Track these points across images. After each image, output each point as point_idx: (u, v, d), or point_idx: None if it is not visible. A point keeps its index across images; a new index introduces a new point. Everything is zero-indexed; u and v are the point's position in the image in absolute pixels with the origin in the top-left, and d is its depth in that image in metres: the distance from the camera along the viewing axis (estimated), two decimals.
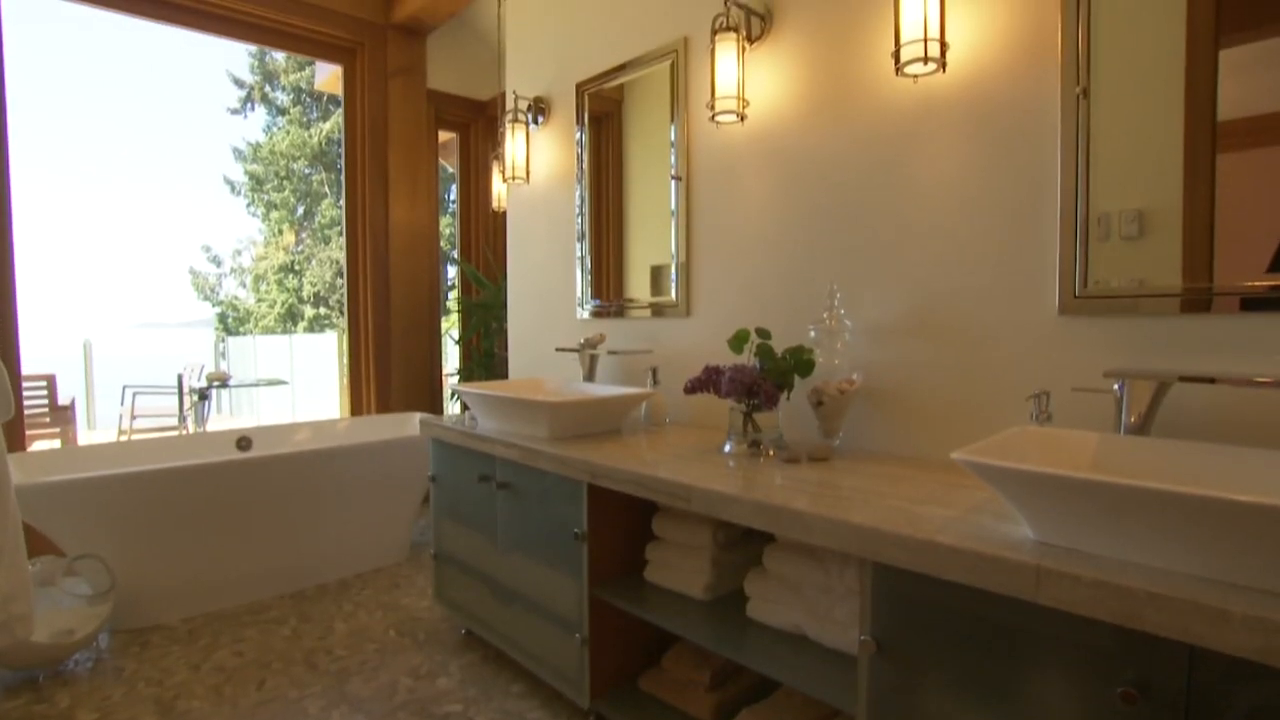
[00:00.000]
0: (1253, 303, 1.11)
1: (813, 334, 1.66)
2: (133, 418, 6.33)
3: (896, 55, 1.42)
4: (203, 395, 6.11)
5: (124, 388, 6.58)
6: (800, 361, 1.60)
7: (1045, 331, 1.35)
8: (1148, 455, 1.06)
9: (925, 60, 1.39)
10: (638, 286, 2.29)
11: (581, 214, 2.45)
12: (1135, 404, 1.11)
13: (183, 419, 6.19)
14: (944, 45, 1.39)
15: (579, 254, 2.47)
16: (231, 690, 1.86)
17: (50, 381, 5.55)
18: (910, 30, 1.39)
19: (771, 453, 1.56)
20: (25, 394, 3.47)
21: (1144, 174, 1.21)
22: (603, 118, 2.40)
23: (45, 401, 5.51)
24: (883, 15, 1.56)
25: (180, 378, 6.71)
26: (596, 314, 2.42)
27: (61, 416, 5.60)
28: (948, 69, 1.45)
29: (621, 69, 2.27)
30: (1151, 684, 0.80)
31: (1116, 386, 1.14)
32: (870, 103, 1.60)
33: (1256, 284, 1.10)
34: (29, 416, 5.19)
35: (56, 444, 5.40)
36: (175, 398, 6.67)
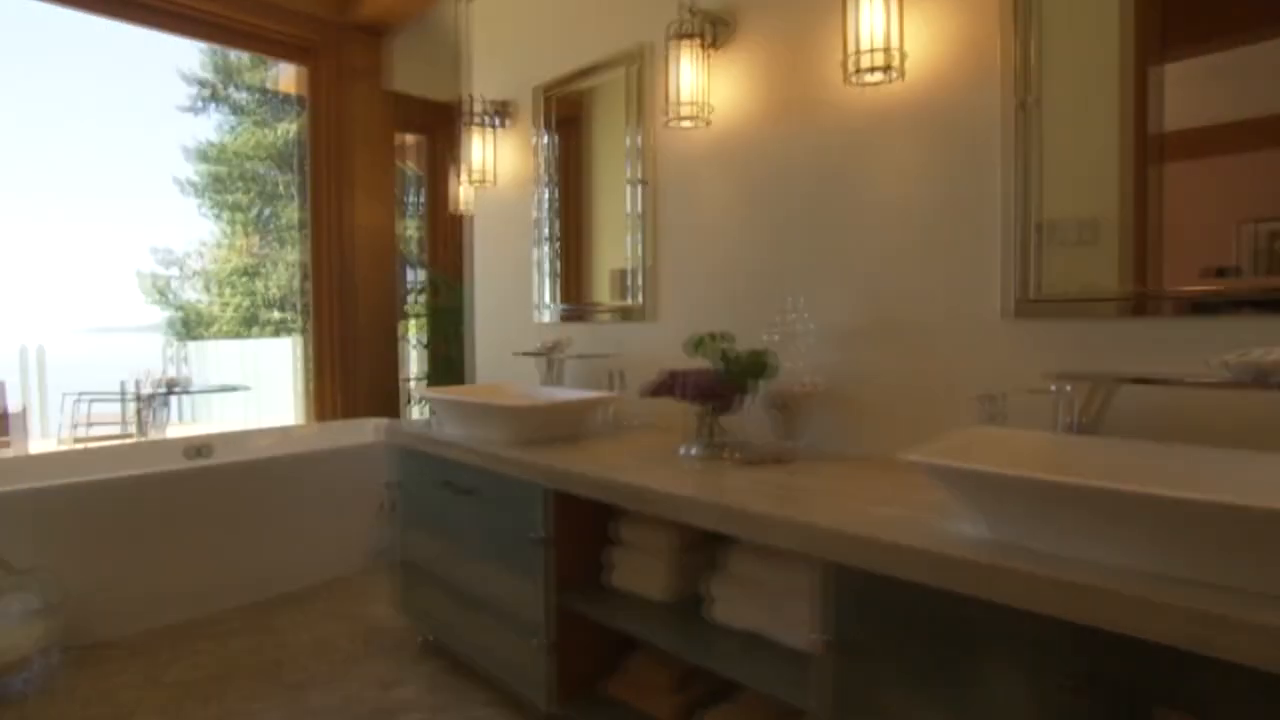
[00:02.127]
0: (1191, 306, 1.17)
1: (775, 337, 1.63)
2: (88, 425, 6.16)
3: (845, 64, 1.45)
4: (154, 401, 6.11)
5: (73, 394, 6.43)
6: (760, 364, 1.57)
7: (992, 334, 1.40)
8: (1095, 454, 1.10)
9: (872, 70, 1.43)
10: (600, 290, 2.30)
11: (545, 218, 2.44)
12: (1083, 405, 1.16)
13: (128, 425, 6.17)
14: (890, 55, 1.41)
15: (542, 258, 2.46)
16: (190, 705, 1.86)
17: None
18: (858, 40, 1.42)
19: (735, 455, 1.53)
20: None
21: (1086, 182, 1.28)
22: (568, 121, 2.39)
23: None
24: (839, 23, 1.54)
25: (123, 384, 6.47)
26: (562, 318, 2.42)
27: (10, 425, 5.37)
28: (896, 78, 1.46)
29: (584, 74, 2.25)
30: (1095, 676, 0.83)
31: (1058, 388, 1.19)
32: (825, 109, 1.64)
33: (1194, 289, 1.17)
34: None
35: (10, 453, 5.15)
36: (128, 404, 6.49)
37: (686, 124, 1.81)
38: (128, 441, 5.92)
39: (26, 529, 2.14)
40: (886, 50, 1.39)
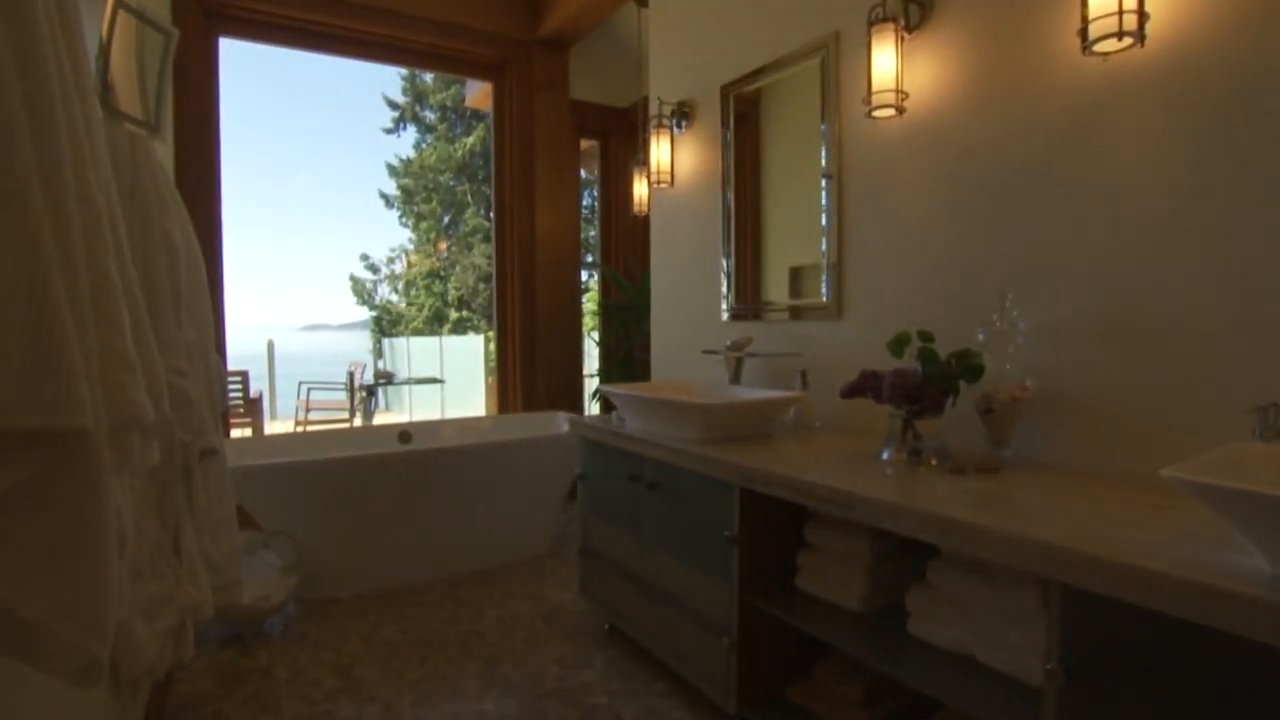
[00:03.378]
0: None
1: (981, 337, 1.51)
2: (307, 410, 7.09)
3: (1084, 32, 1.30)
4: (370, 391, 6.96)
5: (300, 383, 7.47)
6: (967, 366, 1.47)
7: (1265, 335, 1.19)
8: None
9: (1120, 35, 1.26)
10: (776, 289, 2.26)
11: (727, 216, 2.43)
12: None
13: (354, 412, 7.05)
14: (1143, 16, 1.25)
15: (724, 256, 2.45)
16: (398, 664, 2.08)
17: (244, 377, 6.03)
18: (1101, 3, 1.27)
19: (934, 462, 1.44)
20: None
21: None
22: (740, 119, 2.39)
23: (240, 395, 5.97)
24: None
25: (351, 375, 7.55)
26: (735, 317, 2.41)
27: (252, 408, 6.11)
28: (1134, 44, 1.29)
29: (768, 69, 2.22)
30: None
31: None
32: (1047, 86, 1.49)
33: None
34: (229, 408, 5.23)
35: (249, 433, 5.89)
36: (342, 393, 7.51)
37: (886, 112, 1.74)
38: (345, 426, 6.88)
39: (273, 498, 2.49)
40: (1128, 13, 1.23)
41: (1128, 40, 1.26)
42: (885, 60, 1.70)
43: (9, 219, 0.61)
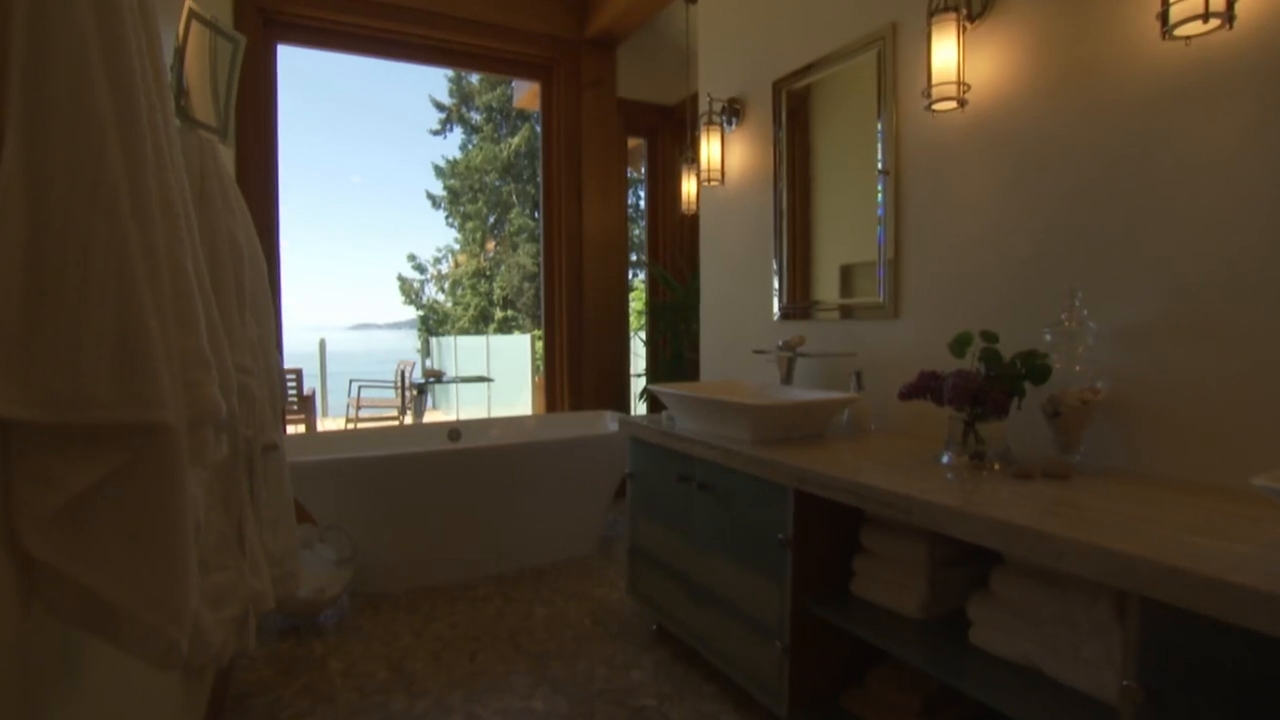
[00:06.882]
0: None
1: (1048, 337, 1.46)
2: (358, 408, 7.27)
3: (1164, 16, 1.25)
4: (421, 390, 7.11)
5: (350, 381, 7.63)
6: (1034, 367, 1.42)
7: None
8: None
9: (1205, 16, 1.19)
10: (825, 288, 2.24)
11: (778, 214, 2.40)
12: None
13: (404, 410, 7.19)
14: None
15: (776, 254, 2.42)
16: (448, 658, 2.13)
17: (299, 375, 6.06)
18: None
19: (997, 466, 1.40)
20: None
21: None
22: (790, 115, 2.36)
23: (294, 392, 6.01)
24: None
25: (402, 374, 7.68)
26: (784, 316, 2.39)
27: (305, 405, 6.25)
28: (1220, 26, 1.21)
29: (821, 63, 2.19)
30: None
31: None
32: (1121, 75, 1.43)
33: None
34: (287, 404, 5.33)
35: (302, 429, 6.03)
36: (391, 391, 7.67)
37: (948, 105, 1.69)
38: (395, 423, 7.06)
39: (328, 493, 2.56)
40: None
41: (1214, 22, 1.19)
42: (946, 51, 1.66)
43: (99, 225, 0.65)
